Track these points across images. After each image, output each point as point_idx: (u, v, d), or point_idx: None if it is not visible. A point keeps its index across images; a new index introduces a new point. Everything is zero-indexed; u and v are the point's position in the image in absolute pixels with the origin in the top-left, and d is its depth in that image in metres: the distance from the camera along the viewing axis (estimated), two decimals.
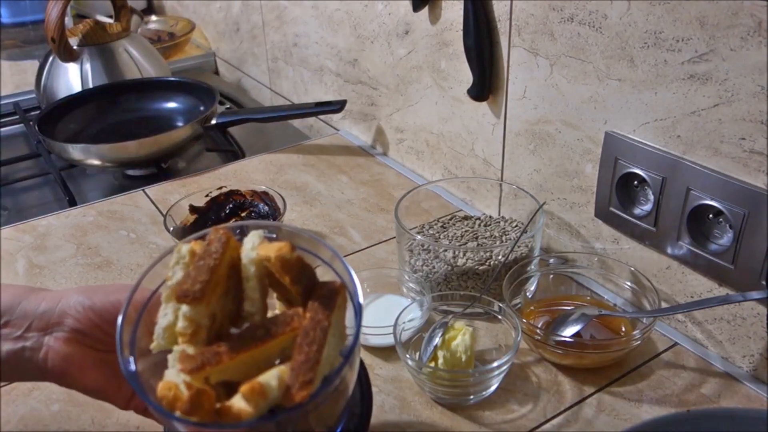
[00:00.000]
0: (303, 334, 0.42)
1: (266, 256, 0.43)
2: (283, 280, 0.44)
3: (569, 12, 0.71)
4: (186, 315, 0.42)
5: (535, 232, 0.75)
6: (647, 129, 0.67)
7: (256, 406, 0.40)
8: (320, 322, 0.42)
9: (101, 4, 1.67)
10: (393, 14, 0.98)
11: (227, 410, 0.40)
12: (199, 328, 0.43)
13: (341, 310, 0.45)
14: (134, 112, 1.23)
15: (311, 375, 0.40)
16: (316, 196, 1.00)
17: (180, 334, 0.43)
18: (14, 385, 0.68)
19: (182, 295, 0.42)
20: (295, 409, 0.40)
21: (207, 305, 0.43)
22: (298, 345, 0.41)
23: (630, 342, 0.66)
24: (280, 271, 0.43)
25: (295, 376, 0.40)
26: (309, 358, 0.41)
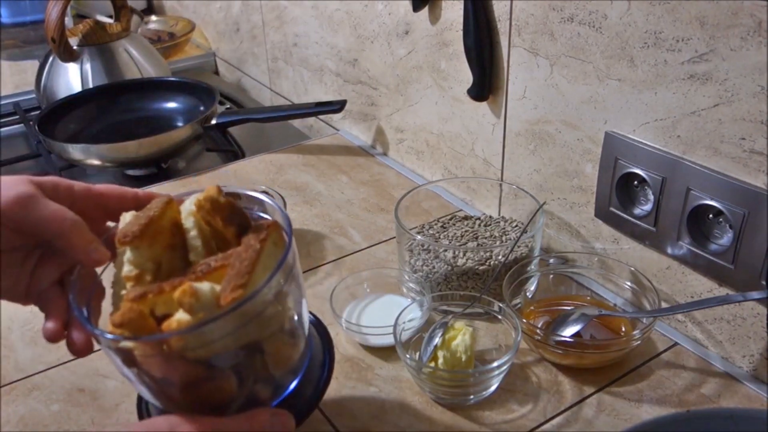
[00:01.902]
0: (235, 257, 0.44)
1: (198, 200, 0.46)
2: (216, 222, 0.46)
3: (569, 12, 0.71)
4: (129, 259, 0.45)
5: (535, 232, 0.75)
6: (647, 129, 0.67)
7: (190, 308, 0.41)
8: (252, 246, 0.44)
9: (101, 4, 1.67)
10: (393, 14, 0.98)
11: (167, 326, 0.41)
12: (143, 272, 0.45)
13: (278, 246, 0.46)
14: (134, 112, 1.22)
15: (242, 281, 0.41)
16: (316, 196, 1.00)
17: (126, 278, 0.45)
18: (14, 385, 0.68)
19: (122, 236, 0.45)
20: (227, 312, 0.41)
21: (149, 248, 0.45)
22: (231, 264, 0.43)
23: (630, 342, 0.66)
24: (211, 212, 0.46)
25: (226, 283, 0.42)
26: (240, 270, 0.42)
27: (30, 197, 0.47)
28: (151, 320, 0.42)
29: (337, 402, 0.64)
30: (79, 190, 0.51)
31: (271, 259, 0.45)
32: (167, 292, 0.42)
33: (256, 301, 0.42)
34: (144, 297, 0.42)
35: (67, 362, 0.71)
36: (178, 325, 0.41)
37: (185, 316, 0.41)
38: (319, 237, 0.90)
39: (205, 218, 0.47)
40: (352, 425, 0.62)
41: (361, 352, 0.71)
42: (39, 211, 0.47)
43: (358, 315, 0.74)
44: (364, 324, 0.72)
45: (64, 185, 0.50)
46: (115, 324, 0.41)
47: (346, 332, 0.72)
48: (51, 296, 0.50)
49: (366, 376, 0.68)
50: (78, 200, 0.51)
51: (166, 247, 0.47)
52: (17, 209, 0.46)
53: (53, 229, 0.47)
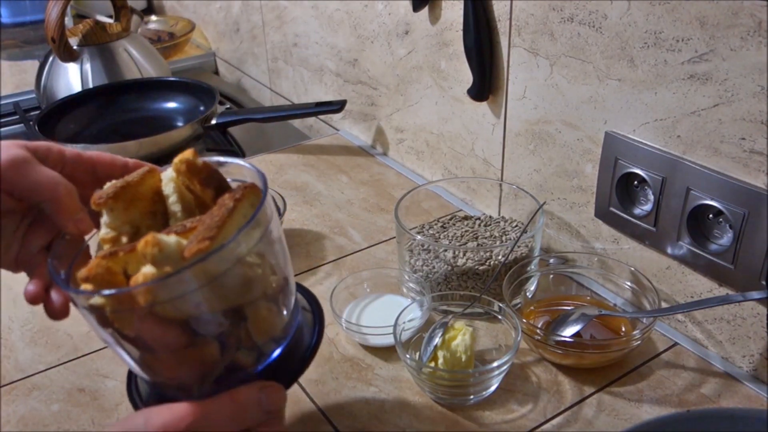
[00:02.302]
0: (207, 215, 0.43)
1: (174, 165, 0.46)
2: (193, 185, 0.46)
3: (569, 12, 0.71)
4: (106, 222, 0.45)
5: (535, 232, 0.75)
6: (647, 129, 0.67)
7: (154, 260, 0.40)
8: (225, 204, 0.43)
9: (101, 4, 1.67)
10: (393, 14, 0.98)
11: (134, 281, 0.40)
12: (120, 234, 0.45)
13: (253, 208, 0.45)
14: (134, 112, 1.23)
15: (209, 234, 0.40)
16: (316, 196, 1.00)
17: (102, 240, 0.45)
18: (14, 385, 0.68)
19: (97, 198, 0.45)
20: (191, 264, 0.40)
21: (125, 211, 0.45)
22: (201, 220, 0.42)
23: (630, 342, 0.66)
24: (188, 174, 0.45)
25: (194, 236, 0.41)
26: (210, 225, 0.41)
27: (24, 160, 0.48)
28: (122, 277, 0.42)
29: (337, 402, 0.64)
30: (71, 156, 0.51)
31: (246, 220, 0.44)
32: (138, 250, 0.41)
33: (224, 256, 0.41)
34: (115, 255, 0.42)
35: (67, 362, 0.71)
36: (144, 278, 0.40)
37: (151, 270, 0.40)
38: (319, 237, 0.90)
39: (183, 182, 0.46)
40: (352, 425, 0.62)
41: (361, 352, 0.71)
42: (33, 175, 0.48)
43: (358, 315, 0.74)
44: (364, 324, 0.72)
45: (56, 150, 0.51)
46: (81, 278, 0.41)
47: (346, 332, 0.72)
48: (37, 262, 0.51)
49: (366, 376, 0.68)
50: (68, 165, 0.51)
51: (146, 213, 0.47)
52: (11, 172, 0.47)
53: (45, 194, 0.48)
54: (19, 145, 0.49)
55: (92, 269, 0.41)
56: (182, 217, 0.46)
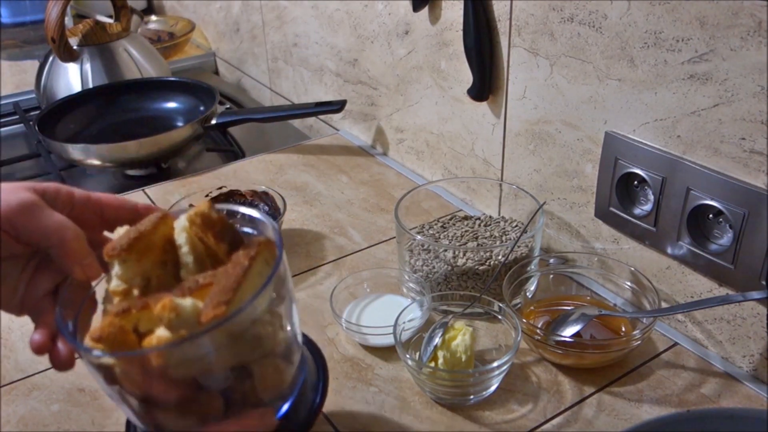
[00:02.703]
0: (222, 273, 0.43)
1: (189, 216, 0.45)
2: (208, 238, 0.45)
3: (569, 12, 0.71)
4: (117, 274, 0.44)
5: (535, 232, 0.75)
6: (647, 129, 0.67)
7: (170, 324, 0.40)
8: (240, 263, 0.43)
9: (101, 4, 1.67)
10: (393, 14, 0.98)
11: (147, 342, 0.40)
12: (131, 287, 0.44)
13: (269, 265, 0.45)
14: (134, 112, 1.23)
15: (225, 298, 0.40)
16: (316, 196, 1.00)
17: (113, 293, 0.44)
18: (14, 385, 0.68)
19: (110, 249, 0.44)
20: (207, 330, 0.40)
21: (138, 263, 0.44)
22: (217, 281, 0.42)
23: (630, 342, 0.66)
24: (203, 227, 0.45)
25: (209, 299, 0.41)
26: (225, 287, 0.41)
27: (33, 205, 0.47)
28: (133, 336, 0.41)
29: (337, 402, 0.64)
30: (79, 198, 0.51)
31: (260, 279, 0.44)
32: (152, 308, 0.41)
33: (240, 320, 0.41)
34: (127, 312, 0.41)
35: None
36: (158, 341, 0.40)
37: (166, 333, 0.40)
38: (319, 237, 0.90)
39: (197, 234, 0.46)
40: (352, 425, 0.62)
41: (361, 352, 0.71)
42: (42, 220, 0.47)
43: (358, 315, 0.74)
44: (364, 324, 0.72)
45: (65, 192, 0.50)
46: (93, 338, 0.40)
47: (346, 332, 0.72)
48: (43, 307, 0.50)
49: (366, 376, 0.68)
50: (77, 207, 0.50)
51: (157, 263, 0.46)
52: (20, 217, 0.46)
53: (53, 240, 0.47)
54: (27, 187, 0.48)
55: (105, 329, 0.40)
56: (194, 268, 0.46)
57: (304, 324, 0.75)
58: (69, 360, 0.47)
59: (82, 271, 0.48)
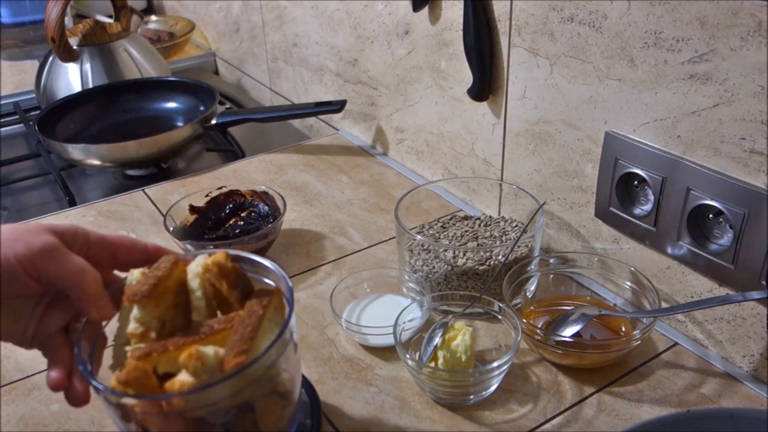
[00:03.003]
0: (238, 321, 0.46)
1: (205, 264, 0.49)
2: (221, 285, 0.49)
3: (569, 12, 0.71)
4: (136, 317, 0.47)
5: (535, 232, 0.75)
6: (647, 129, 0.67)
7: (194, 371, 0.43)
8: (255, 312, 0.47)
9: (101, 4, 1.67)
10: (393, 14, 0.98)
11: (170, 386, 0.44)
12: (148, 329, 0.47)
13: (278, 312, 0.50)
14: (134, 112, 1.22)
15: (245, 347, 0.44)
16: (316, 196, 1.00)
17: (131, 335, 0.47)
18: (14, 385, 0.68)
19: (132, 295, 0.47)
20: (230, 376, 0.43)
21: (155, 307, 0.48)
22: (234, 329, 0.46)
23: (630, 342, 0.66)
24: (218, 276, 0.49)
25: (230, 348, 0.45)
26: (243, 336, 0.45)
27: (55, 248, 0.49)
28: (154, 378, 0.45)
29: (337, 402, 0.64)
30: (94, 239, 0.53)
31: (271, 325, 0.48)
32: (171, 351, 0.45)
33: (257, 367, 0.45)
34: (149, 355, 0.45)
35: None
36: (181, 386, 0.43)
37: (188, 378, 0.43)
38: (319, 237, 0.90)
39: (210, 280, 0.50)
40: (352, 425, 0.62)
41: (361, 352, 0.71)
42: (63, 263, 0.49)
43: (358, 315, 0.74)
44: (364, 324, 0.72)
45: (82, 234, 0.52)
46: (120, 381, 0.43)
47: (346, 332, 0.72)
48: (56, 344, 0.52)
49: (366, 376, 0.68)
50: (92, 248, 0.52)
51: (171, 305, 0.49)
52: (44, 261, 0.48)
53: (73, 282, 0.49)
54: (48, 230, 0.50)
55: (131, 373, 0.43)
56: (205, 312, 0.50)
57: (304, 324, 0.75)
58: (85, 397, 0.50)
59: (97, 313, 0.50)
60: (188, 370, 0.43)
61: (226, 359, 0.44)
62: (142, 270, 0.51)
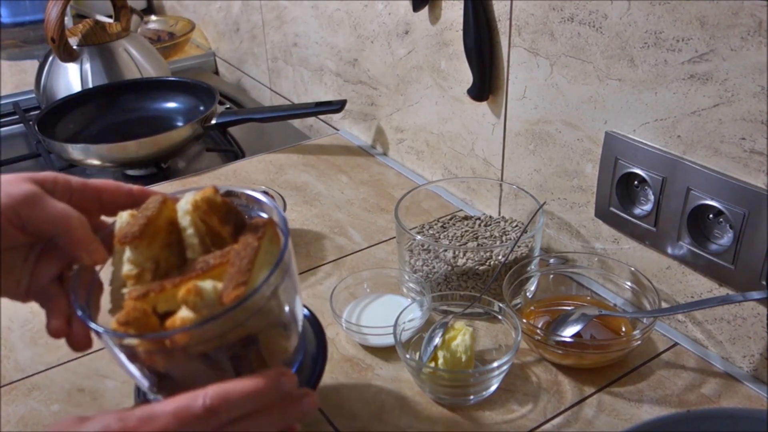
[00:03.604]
0: (234, 254, 0.45)
1: (194, 200, 0.48)
2: (212, 222, 0.48)
3: (569, 12, 0.71)
4: (129, 258, 0.46)
5: (535, 232, 0.75)
6: (647, 129, 0.67)
7: (194, 306, 0.42)
8: (250, 244, 0.45)
9: (101, 4, 1.67)
10: (393, 14, 0.98)
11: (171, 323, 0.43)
12: (143, 270, 0.46)
13: (273, 244, 0.48)
14: (134, 112, 1.22)
15: (243, 278, 0.43)
16: (316, 196, 1.00)
17: (126, 277, 0.46)
18: (14, 385, 0.68)
19: (122, 237, 0.46)
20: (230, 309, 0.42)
21: (148, 247, 0.47)
22: (231, 262, 0.45)
23: (630, 342, 0.66)
24: (208, 212, 0.47)
25: (228, 281, 0.43)
26: (241, 268, 0.44)
27: (36, 195, 0.48)
28: (154, 317, 0.44)
29: (337, 402, 0.64)
30: (77, 185, 0.52)
31: (267, 256, 0.47)
32: (168, 290, 0.44)
33: (257, 298, 0.44)
34: (146, 295, 0.44)
35: (67, 362, 0.71)
36: (182, 322, 0.42)
37: (188, 314, 0.42)
38: (319, 237, 0.90)
39: (201, 217, 0.48)
40: (352, 425, 0.62)
41: (361, 352, 0.71)
42: (46, 209, 0.48)
43: (358, 315, 0.74)
44: (364, 324, 0.72)
45: (62, 180, 0.51)
46: (120, 322, 0.43)
47: (346, 332, 0.72)
48: (51, 293, 0.51)
49: (366, 376, 0.68)
50: (75, 194, 0.51)
51: (163, 245, 0.48)
52: (25, 209, 0.47)
53: (59, 228, 0.48)
54: (26, 178, 0.49)
55: (130, 313, 0.43)
56: (199, 249, 0.48)
57: None
58: (87, 341, 0.50)
59: (89, 257, 0.49)
60: (188, 305, 0.43)
61: (225, 292, 0.43)
62: (130, 212, 0.49)
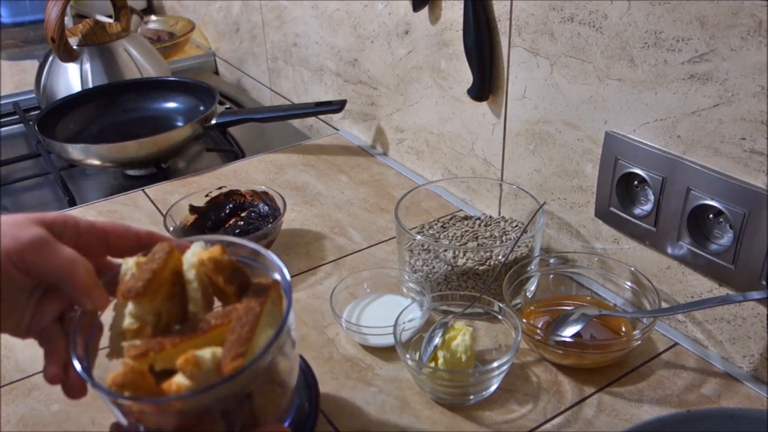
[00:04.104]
0: (236, 319, 0.46)
1: (201, 259, 0.48)
2: (217, 280, 0.48)
3: (569, 12, 0.71)
4: (131, 312, 0.47)
5: (535, 232, 0.75)
6: (647, 129, 0.67)
7: (192, 376, 0.43)
8: (252, 309, 0.46)
9: (101, 4, 1.67)
10: (393, 14, 0.98)
11: (167, 388, 0.43)
12: (144, 324, 0.47)
13: (276, 305, 0.49)
14: (134, 112, 1.22)
15: (242, 350, 0.44)
16: (316, 196, 1.00)
17: (127, 331, 0.47)
18: (14, 385, 0.68)
19: (126, 292, 0.46)
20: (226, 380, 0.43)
21: (150, 302, 0.47)
22: (231, 328, 0.45)
23: (630, 342, 0.66)
24: (213, 271, 0.48)
25: (227, 350, 0.44)
26: (241, 336, 0.44)
27: (44, 241, 0.48)
28: (150, 378, 0.44)
29: (337, 402, 0.64)
30: (84, 227, 0.52)
31: (269, 318, 0.47)
32: (167, 350, 0.45)
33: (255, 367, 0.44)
34: (145, 355, 0.45)
35: None
36: (178, 388, 0.43)
37: (185, 381, 0.43)
38: (319, 237, 0.90)
39: (206, 274, 0.48)
40: (352, 425, 0.62)
41: (361, 352, 0.71)
42: (53, 256, 0.48)
43: (358, 315, 0.74)
44: (364, 324, 0.72)
45: (72, 223, 0.51)
46: (117, 384, 0.43)
47: (346, 332, 0.72)
48: (51, 335, 0.51)
49: (366, 376, 0.68)
50: (82, 236, 0.51)
51: (166, 297, 0.48)
52: (33, 255, 0.47)
53: (64, 275, 0.48)
54: (36, 221, 0.49)
55: (127, 375, 0.43)
56: (201, 302, 0.49)
57: (304, 324, 0.75)
58: (82, 390, 0.50)
59: (91, 303, 0.49)
60: (185, 374, 0.43)
61: (223, 362, 0.43)
62: (136, 260, 0.49)
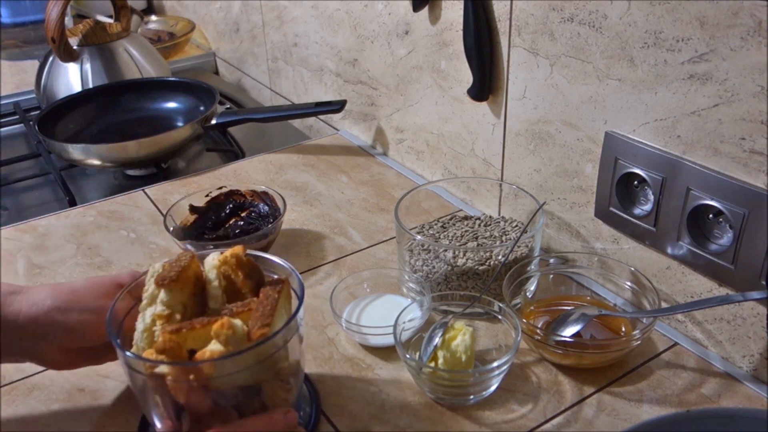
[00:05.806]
0: (257, 303, 0.52)
1: (224, 256, 0.55)
2: (237, 276, 0.55)
3: (569, 12, 0.71)
4: (163, 300, 0.52)
5: (535, 232, 0.75)
6: (647, 129, 0.67)
7: (226, 340, 0.48)
8: (270, 295, 0.53)
9: (101, 4, 1.67)
10: (393, 14, 0.98)
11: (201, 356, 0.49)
12: (173, 312, 0.52)
13: (288, 301, 0.55)
14: (134, 112, 1.22)
15: (267, 321, 0.50)
16: (316, 196, 1.00)
17: (158, 317, 0.52)
18: (14, 385, 0.68)
19: (160, 279, 0.52)
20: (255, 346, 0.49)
21: (180, 292, 0.53)
22: (255, 308, 0.52)
23: (630, 342, 0.66)
24: (235, 267, 0.55)
25: (254, 322, 0.51)
26: (264, 313, 0.51)
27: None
28: (185, 351, 0.49)
29: (337, 402, 0.65)
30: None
31: (282, 311, 0.53)
32: (198, 329, 0.50)
33: (275, 341, 0.51)
34: (179, 331, 0.50)
35: None
36: (212, 354, 0.48)
37: (218, 348, 0.48)
38: (319, 237, 0.90)
39: (227, 272, 0.55)
40: (352, 425, 0.62)
41: (361, 352, 0.71)
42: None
43: (358, 315, 0.74)
44: (364, 324, 0.72)
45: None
46: (157, 350, 0.48)
47: (346, 332, 0.72)
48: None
49: (366, 376, 0.68)
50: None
51: (190, 294, 0.54)
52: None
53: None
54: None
55: (166, 342, 0.48)
56: (221, 300, 0.55)
57: (305, 324, 0.75)
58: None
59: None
60: (220, 338, 0.48)
61: (252, 330, 0.49)
62: (162, 262, 0.55)
